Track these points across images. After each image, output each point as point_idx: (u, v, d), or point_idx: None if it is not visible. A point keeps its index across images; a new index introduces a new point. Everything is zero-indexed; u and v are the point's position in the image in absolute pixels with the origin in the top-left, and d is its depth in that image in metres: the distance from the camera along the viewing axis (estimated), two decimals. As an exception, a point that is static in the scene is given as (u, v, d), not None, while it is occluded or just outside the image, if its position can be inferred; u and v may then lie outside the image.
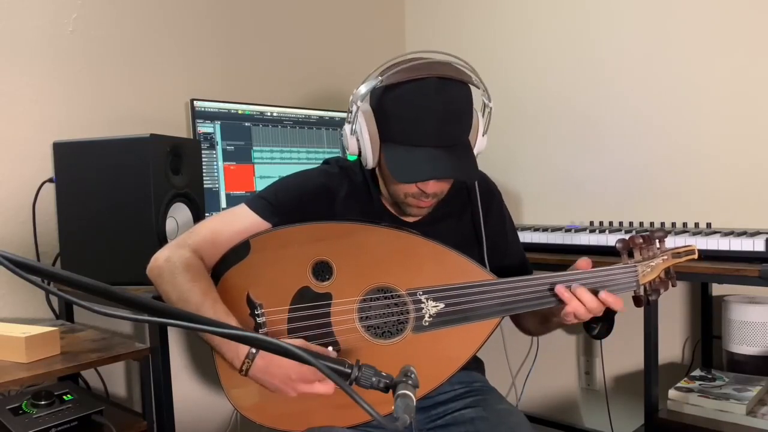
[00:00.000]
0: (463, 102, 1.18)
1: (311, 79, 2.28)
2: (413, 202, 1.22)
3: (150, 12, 1.82)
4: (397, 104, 1.16)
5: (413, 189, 1.19)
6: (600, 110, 2.11)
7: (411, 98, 1.14)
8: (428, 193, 1.19)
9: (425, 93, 1.13)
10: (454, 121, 1.17)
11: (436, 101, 1.13)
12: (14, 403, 1.20)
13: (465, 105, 1.19)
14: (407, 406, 0.72)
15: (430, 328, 1.16)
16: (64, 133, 1.61)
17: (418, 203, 1.22)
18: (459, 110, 1.17)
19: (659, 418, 1.61)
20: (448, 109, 1.14)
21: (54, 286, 0.94)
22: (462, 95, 1.18)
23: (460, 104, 1.18)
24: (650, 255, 1.21)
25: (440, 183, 1.20)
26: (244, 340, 0.84)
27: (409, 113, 1.15)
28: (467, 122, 1.20)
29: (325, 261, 1.17)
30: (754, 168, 1.81)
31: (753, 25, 1.79)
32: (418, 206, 1.23)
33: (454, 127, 1.17)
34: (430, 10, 2.56)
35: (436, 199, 1.23)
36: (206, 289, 1.11)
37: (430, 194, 1.20)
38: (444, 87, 1.14)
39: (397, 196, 1.23)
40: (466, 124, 1.20)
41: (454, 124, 1.17)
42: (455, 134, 1.18)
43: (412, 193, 1.20)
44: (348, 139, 1.22)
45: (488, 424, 1.17)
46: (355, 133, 1.21)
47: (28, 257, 0.77)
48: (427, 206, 1.24)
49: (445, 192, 1.24)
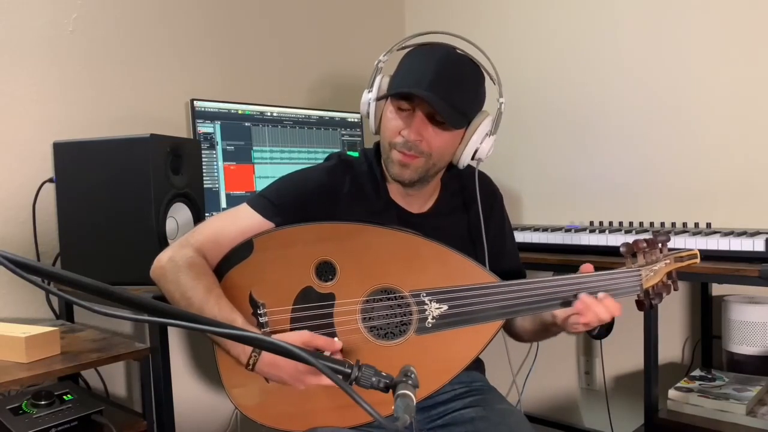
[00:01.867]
0: (469, 75, 1.20)
1: (311, 78, 2.28)
2: (396, 156, 1.19)
3: (150, 12, 1.82)
4: (403, 62, 1.21)
5: (397, 137, 1.19)
6: (600, 110, 2.10)
7: (418, 56, 1.20)
8: (411, 142, 1.17)
9: (433, 53, 1.18)
10: (453, 82, 1.16)
11: (440, 59, 1.16)
12: (14, 403, 1.20)
13: (470, 78, 1.20)
14: (407, 406, 0.72)
15: (433, 329, 1.15)
16: (64, 133, 1.61)
17: (402, 157, 1.19)
18: (461, 77, 1.18)
19: (659, 418, 1.61)
20: (448, 70, 1.16)
21: (54, 286, 0.94)
22: (469, 70, 1.20)
23: (465, 74, 1.19)
24: (653, 259, 1.21)
25: (426, 133, 1.17)
26: (244, 340, 0.84)
27: (409, 66, 1.19)
28: (468, 95, 1.20)
29: (328, 261, 1.16)
30: (754, 168, 1.81)
31: (753, 26, 1.79)
32: (401, 162, 1.19)
33: (451, 87, 1.16)
34: (430, 12, 2.57)
35: (423, 160, 1.19)
36: (210, 285, 1.11)
37: (413, 144, 1.17)
38: (454, 54, 1.18)
39: (385, 149, 1.23)
40: (467, 96, 1.20)
41: (452, 84, 1.16)
42: (451, 94, 1.15)
43: (395, 143, 1.19)
44: (363, 98, 1.26)
45: (488, 423, 1.17)
46: (369, 93, 1.24)
47: (28, 257, 0.77)
48: (412, 164, 1.19)
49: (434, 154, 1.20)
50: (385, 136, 1.23)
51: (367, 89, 1.26)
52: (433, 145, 1.19)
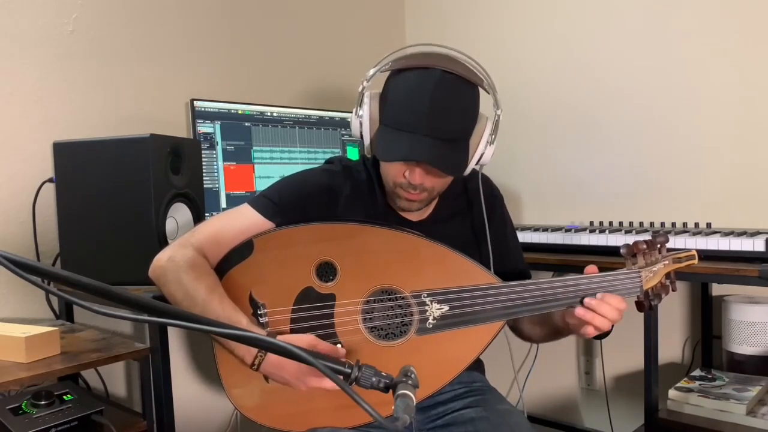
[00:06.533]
0: (466, 99, 1.16)
1: (311, 79, 2.28)
2: (402, 194, 1.21)
3: (150, 12, 1.82)
4: (396, 88, 1.16)
5: (400, 178, 1.18)
6: (600, 110, 2.11)
7: (410, 83, 1.14)
8: (415, 185, 1.17)
9: (425, 80, 1.12)
10: (451, 114, 1.14)
11: (434, 90, 1.11)
12: (14, 403, 1.20)
13: (467, 102, 1.16)
14: (407, 406, 0.72)
15: (433, 330, 1.15)
16: (64, 133, 1.61)
17: (407, 195, 1.20)
18: (458, 105, 1.15)
19: (659, 418, 1.61)
20: (445, 100, 1.12)
21: (54, 286, 0.94)
22: (465, 92, 1.15)
23: (462, 100, 1.15)
24: (653, 260, 1.21)
25: (429, 176, 1.18)
26: (245, 340, 0.84)
27: (405, 97, 1.14)
28: (467, 120, 1.18)
29: (329, 262, 1.16)
30: (754, 168, 1.81)
31: (753, 26, 1.79)
32: (407, 198, 1.21)
33: (450, 120, 1.14)
34: (430, 12, 2.57)
35: (427, 195, 1.21)
36: (212, 285, 1.11)
37: (417, 186, 1.18)
38: (447, 79, 1.12)
39: (389, 185, 1.23)
40: (466, 122, 1.18)
41: (450, 117, 1.14)
42: (450, 128, 1.15)
43: (399, 183, 1.19)
44: (353, 121, 1.23)
45: (488, 424, 1.17)
46: (359, 117, 1.21)
47: (28, 257, 0.76)
48: (417, 200, 1.21)
49: (437, 188, 1.22)
50: (387, 175, 1.22)
51: (356, 109, 1.21)
52: (437, 183, 1.21)
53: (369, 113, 1.19)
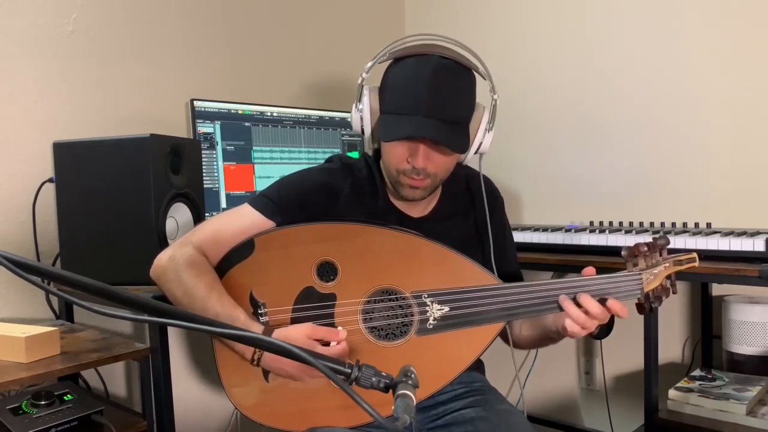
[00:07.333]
0: (464, 83, 1.18)
1: (311, 79, 2.28)
2: (405, 181, 1.21)
3: (150, 12, 1.82)
4: (395, 76, 1.19)
5: (404, 164, 1.19)
6: (600, 110, 2.10)
7: (409, 69, 1.16)
8: (419, 169, 1.18)
9: (424, 66, 1.15)
10: (451, 96, 1.16)
11: (433, 74, 1.14)
12: (14, 403, 1.20)
13: (465, 86, 1.19)
14: (407, 406, 0.72)
15: (434, 331, 1.15)
16: (64, 133, 1.61)
17: (411, 182, 1.21)
18: (457, 88, 1.17)
19: (659, 418, 1.60)
20: (444, 83, 1.15)
21: (54, 286, 0.94)
22: (463, 76, 1.18)
23: (460, 84, 1.18)
24: (654, 263, 1.21)
25: (432, 158, 1.18)
26: (243, 340, 0.84)
27: (404, 83, 1.17)
28: (465, 102, 1.20)
29: (330, 261, 1.16)
30: (754, 168, 1.81)
31: (753, 26, 1.79)
32: (411, 185, 1.21)
33: (450, 102, 1.16)
34: (430, 11, 2.57)
35: (430, 181, 1.21)
36: (212, 283, 1.11)
37: (421, 170, 1.18)
38: (444, 64, 1.15)
39: (391, 173, 1.23)
40: (465, 106, 1.20)
41: (450, 99, 1.16)
42: (451, 110, 1.17)
43: (403, 169, 1.20)
44: (353, 116, 1.24)
45: (488, 424, 1.17)
46: (359, 110, 1.23)
47: (28, 257, 0.76)
48: (421, 186, 1.22)
49: (440, 174, 1.22)
50: (390, 162, 1.22)
51: (356, 103, 1.24)
52: (441, 167, 1.21)
53: (369, 105, 1.22)
